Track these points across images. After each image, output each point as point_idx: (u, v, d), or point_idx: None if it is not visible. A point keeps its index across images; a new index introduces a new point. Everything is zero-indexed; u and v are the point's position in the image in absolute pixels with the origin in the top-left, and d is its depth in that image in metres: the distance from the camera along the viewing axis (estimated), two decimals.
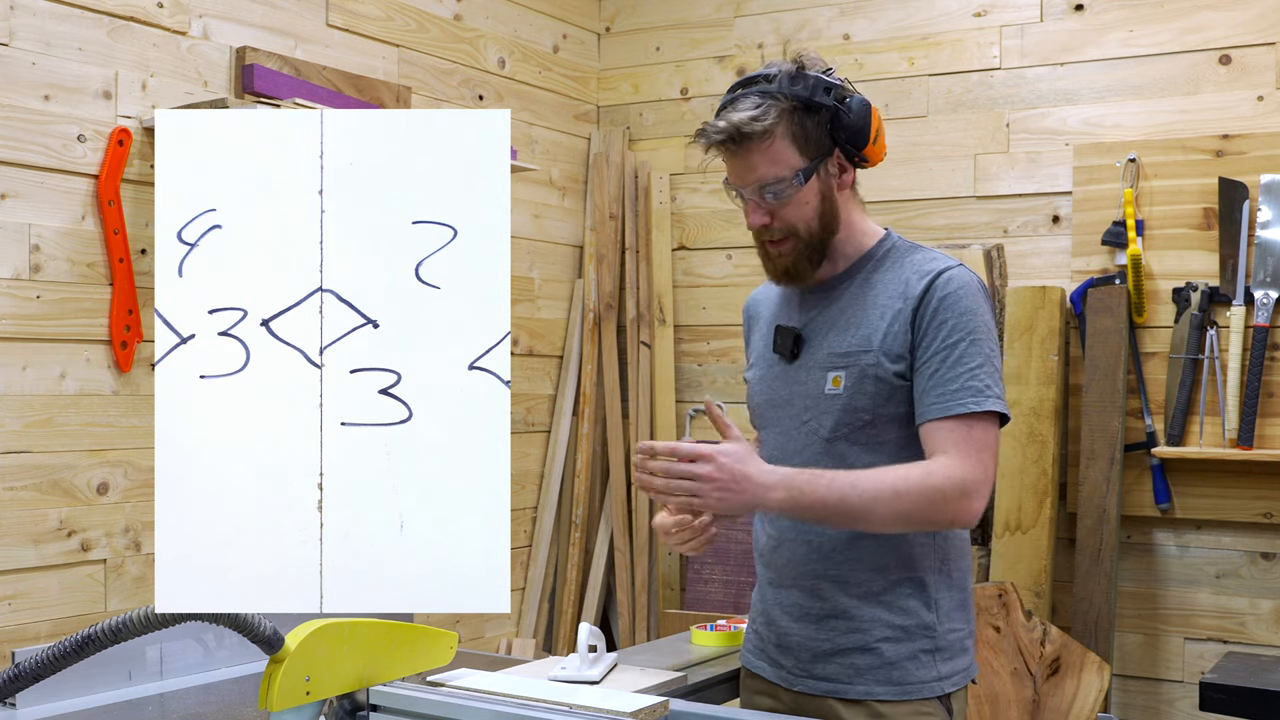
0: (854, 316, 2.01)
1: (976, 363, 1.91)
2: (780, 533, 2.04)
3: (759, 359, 2.14)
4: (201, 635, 2.26)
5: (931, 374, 1.92)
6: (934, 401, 1.90)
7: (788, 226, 1.99)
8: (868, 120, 1.99)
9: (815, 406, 1.99)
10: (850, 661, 1.99)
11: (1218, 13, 3.35)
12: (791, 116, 1.94)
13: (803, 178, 1.96)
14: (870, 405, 1.95)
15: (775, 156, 1.95)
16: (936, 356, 1.93)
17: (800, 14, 3.90)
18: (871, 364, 1.95)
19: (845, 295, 2.04)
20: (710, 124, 1.97)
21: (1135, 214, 3.34)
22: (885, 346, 1.96)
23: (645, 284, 4.05)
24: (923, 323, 1.95)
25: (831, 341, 2.01)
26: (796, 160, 1.95)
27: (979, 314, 1.95)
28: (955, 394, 1.89)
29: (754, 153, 1.95)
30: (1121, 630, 3.41)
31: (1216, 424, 3.26)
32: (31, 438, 2.58)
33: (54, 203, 2.62)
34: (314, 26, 3.18)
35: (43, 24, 2.60)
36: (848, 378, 1.97)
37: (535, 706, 1.73)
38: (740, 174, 1.99)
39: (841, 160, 2.01)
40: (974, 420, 1.89)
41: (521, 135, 3.88)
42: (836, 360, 1.99)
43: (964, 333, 1.93)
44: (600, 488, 4.06)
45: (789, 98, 1.94)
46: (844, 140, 1.98)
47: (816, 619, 2.01)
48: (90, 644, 1.38)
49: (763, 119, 1.93)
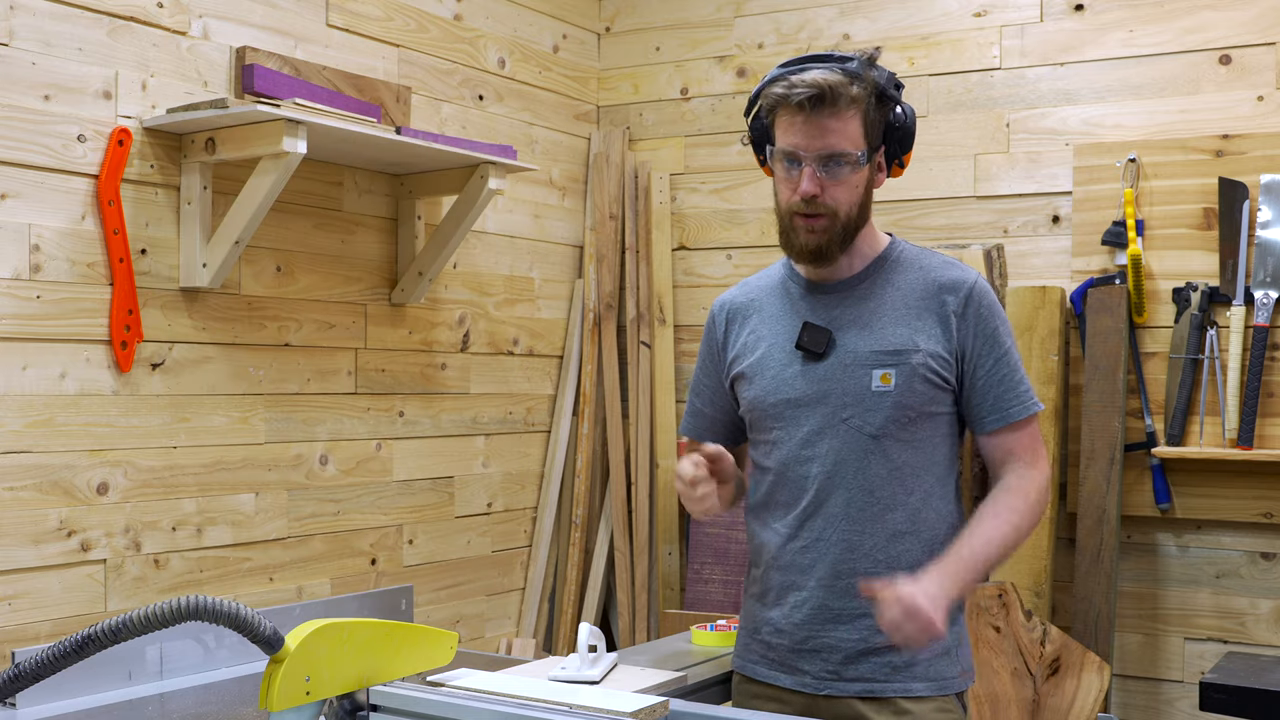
0: (887, 316, 2.03)
1: (1020, 371, 2.06)
2: (814, 534, 2.03)
3: (764, 360, 2.12)
4: (201, 635, 2.26)
5: (990, 383, 2.04)
6: (995, 411, 2.04)
7: (834, 203, 2.00)
8: (914, 129, 2.06)
9: (859, 403, 2.00)
10: (886, 660, 1.99)
11: (1218, 13, 3.35)
12: (869, 99, 1.99)
13: (865, 159, 2.00)
14: (918, 404, 2.00)
15: (849, 130, 1.97)
16: (994, 367, 2.04)
17: (800, 14, 3.90)
18: (921, 363, 2.00)
19: (870, 295, 2.06)
20: (795, 78, 1.96)
21: (1135, 214, 3.34)
22: (930, 348, 2.01)
23: (645, 284, 4.05)
24: (969, 335, 2.03)
25: (868, 339, 2.02)
26: (861, 141, 1.99)
27: (1008, 322, 2.10)
28: (1014, 401, 2.04)
29: (834, 119, 1.96)
30: (1121, 630, 3.42)
31: (1216, 424, 3.26)
32: (31, 438, 2.58)
33: (54, 203, 2.62)
34: (314, 26, 3.18)
35: (43, 24, 2.60)
36: (898, 375, 2.00)
37: (535, 706, 1.73)
38: (810, 136, 1.97)
39: (882, 159, 2.07)
40: (1029, 422, 2.06)
41: (521, 135, 3.88)
42: (884, 358, 2.01)
43: (1007, 343, 2.06)
44: (600, 488, 4.06)
45: (869, 81, 1.99)
46: (894, 140, 2.04)
47: (849, 619, 2.01)
48: (90, 644, 1.39)
49: (853, 87, 1.95)
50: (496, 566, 3.80)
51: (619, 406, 4.02)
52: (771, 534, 2.08)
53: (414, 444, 3.49)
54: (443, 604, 3.60)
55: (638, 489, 3.97)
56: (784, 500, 2.06)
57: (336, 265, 3.25)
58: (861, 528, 2.00)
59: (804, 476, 2.03)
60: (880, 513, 2.00)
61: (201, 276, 2.84)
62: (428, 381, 3.53)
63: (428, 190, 3.38)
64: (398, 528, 3.44)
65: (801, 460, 2.04)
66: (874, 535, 2.00)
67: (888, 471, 1.99)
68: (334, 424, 3.24)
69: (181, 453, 2.87)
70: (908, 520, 2.00)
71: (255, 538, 3.03)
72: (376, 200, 3.38)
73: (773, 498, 2.09)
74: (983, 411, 2.04)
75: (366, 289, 3.34)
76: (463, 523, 3.67)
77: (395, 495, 3.43)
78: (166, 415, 2.83)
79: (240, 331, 3.00)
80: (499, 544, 3.81)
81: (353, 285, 3.30)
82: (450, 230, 3.30)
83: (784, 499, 2.06)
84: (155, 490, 2.81)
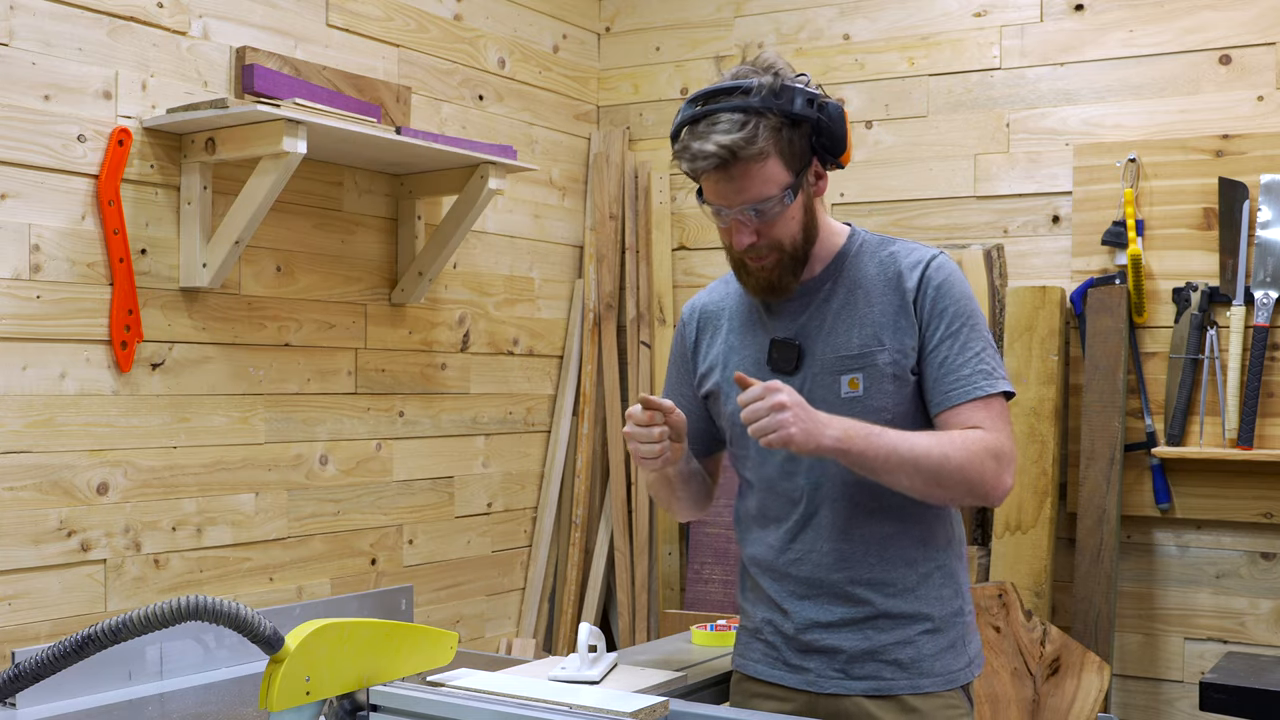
0: (851, 316, 1.99)
1: (980, 347, 1.95)
2: (806, 546, 2.02)
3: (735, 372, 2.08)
4: (201, 635, 2.26)
5: (942, 361, 1.94)
6: (950, 388, 1.93)
7: (773, 242, 1.94)
8: (844, 126, 1.95)
9: (832, 412, 1.91)
10: (893, 658, 1.98)
11: (1218, 13, 3.35)
12: (779, 133, 1.88)
13: (791, 194, 1.91)
14: (891, 404, 1.95)
15: (767, 176, 1.89)
16: (945, 344, 1.94)
17: (800, 14, 3.90)
18: (888, 362, 1.95)
19: (833, 296, 2.01)
20: (696, 147, 1.88)
21: (1135, 214, 3.34)
22: (895, 343, 1.96)
23: (645, 284, 4.05)
24: (923, 313, 1.96)
25: (834, 344, 1.98)
26: (785, 177, 1.90)
27: (971, 299, 1.99)
28: (970, 379, 1.92)
29: (745, 176, 1.88)
30: (1121, 630, 3.41)
31: (1216, 424, 3.26)
32: (31, 438, 2.58)
33: (54, 203, 2.62)
34: (314, 26, 3.18)
35: (43, 24, 2.60)
36: (865, 379, 1.95)
37: (535, 706, 1.73)
38: (727, 195, 1.91)
39: (818, 167, 1.97)
40: (990, 400, 1.93)
41: (521, 135, 3.88)
42: (849, 363, 1.96)
43: (965, 319, 1.96)
44: (600, 488, 4.06)
45: (775, 113, 1.87)
46: (823, 148, 1.93)
47: (853, 623, 1.99)
48: (90, 644, 1.38)
49: (756, 140, 1.86)
50: (496, 566, 3.80)
51: (619, 406, 4.02)
52: (764, 547, 2.06)
53: (414, 444, 3.49)
54: (443, 604, 3.60)
55: (638, 489, 3.96)
56: (773, 515, 2.05)
57: (336, 265, 3.25)
58: (851, 536, 1.98)
59: (791, 490, 2.01)
60: (868, 519, 1.98)
61: (201, 276, 2.84)
62: (428, 381, 3.53)
63: (428, 190, 3.38)
64: (398, 528, 3.44)
65: (786, 474, 2.02)
66: (864, 541, 1.99)
67: None
68: (334, 424, 3.24)
69: (181, 453, 2.87)
70: (896, 520, 1.99)
71: (255, 538, 3.03)
72: (376, 200, 3.38)
73: (761, 512, 2.07)
74: (939, 389, 1.94)
75: (366, 289, 3.34)
76: (463, 523, 3.67)
77: (395, 495, 3.43)
78: (166, 415, 2.83)
79: (240, 331, 3.00)
80: (499, 544, 3.81)
81: (353, 285, 3.30)
82: (450, 230, 3.30)
83: (773, 513, 2.05)
84: (155, 490, 2.81)
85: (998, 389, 1.93)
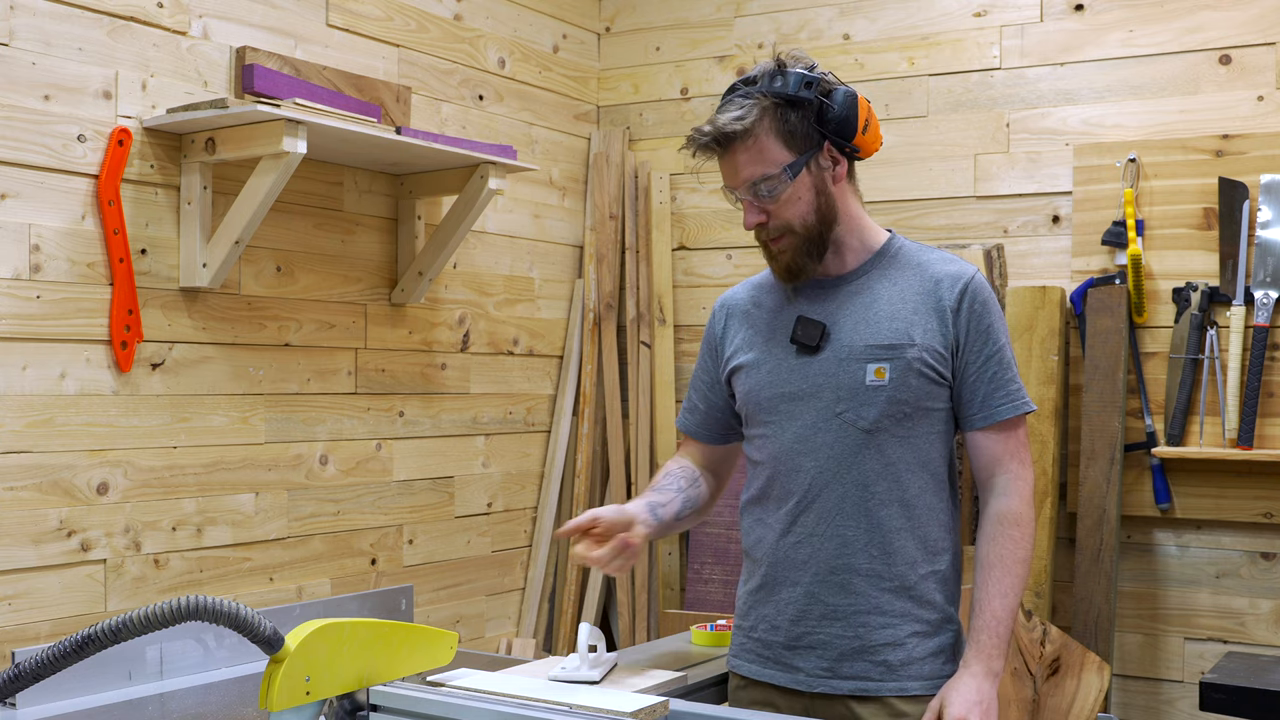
0: (883, 310, 2.03)
1: (1012, 370, 2.06)
2: (808, 529, 2.03)
3: (760, 354, 2.12)
4: (201, 635, 2.26)
5: (984, 380, 2.03)
6: (983, 409, 2.03)
7: (783, 223, 2.02)
8: (853, 110, 2.02)
9: (853, 398, 2.00)
10: (882, 659, 1.99)
11: (1218, 13, 3.35)
12: (774, 113, 1.99)
13: (791, 172, 1.99)
14: (913, 398, 2.00)
15: (761, 154, 1.99)
16: (987, 364, 2.03)
17: (800, 14, 3.90)
18: (916, 358, 2.00)
19: (866, 290, 2.06)
20: (697, 129, 2.03)
21: (1135, 214, 3.34)
22: (926, 343, 2.01)
23: (645, 284, 4.05)
24: (962, 329, 2.03)
25: (864, 334, 2.03)
26: (784, 156, 1.99)
27: (1004, 320, 2.10)
28: (1003, 400, 2.03)
29: (740, 153, 2.00)
30: (1121, 630, 3.42)
31: (1216, 424, 3.26)
32: (31, 438, 2.58)
33: (54, 203, 2.62)
34: (314, 26, 3.18)
35: (43, 24, 2.60)
36: (892, 370, 2.00)
37: (535, 706, 1.73)
38: (730, 175, 2.03)
39: (833, 152, 2.04)
40: (1017, 423, 2.06)
41: (521, 135, 3.88)
42: (878, 352, 2.01)
43: (1001, 341, 2.06)
44: (600, 488, 4.06)
45: (769, 95, 1.99)
46: (831, 132, 2.01)
47: (845, 615, 2.01)
48: (90, 644, 1.39)
49: (744, 119, 1.98)
50: (496, 566, 3.80)
51: (619, 406, 4.02)
52: (766, 529, 2.09)
53: (414, 444, 3.49)
54: (443, 604, 3.60)
55: (638, 489, 3.96)
56: (778, 495, 2.07)
57: (336, 265, 3.25)
58: (855, 523, 2.00)
59: (797, 470, 2.03)
60: (874, 508, 2.00)
61: (201, 276, 2.84)
62: (428, 381, 3.53)
63: (428, 190, 3.38)
64: (398, 528, 3.44)
65: (795, 454, 2.04)
66: (868, 531, 2.00)
67: (882, 466, 1.99)
68: (334, 424, 3.24)
69: (181, 453, 2.87)
70: (902, 515, 2.00)
71: (255, 538, 3.03)
72: (376, 200, 3.38)
73: (767, 492, 2.09)
74: (971, 408, 2.04)
75: (366, 289, 3.34)
76: (463, 523, 3.67)
77: (395, 495, 3.43)
78: (166, 415, 2.83)
79: (240, 331, 3.00)
80: (499, 544, 3.81)
81: (353, 285, 3.30)
82: (450, 230, 3.30)
83: (778, 493, 2.07)
84: (155, 490, 2.81)
85: (1025, 410, 2.05)
